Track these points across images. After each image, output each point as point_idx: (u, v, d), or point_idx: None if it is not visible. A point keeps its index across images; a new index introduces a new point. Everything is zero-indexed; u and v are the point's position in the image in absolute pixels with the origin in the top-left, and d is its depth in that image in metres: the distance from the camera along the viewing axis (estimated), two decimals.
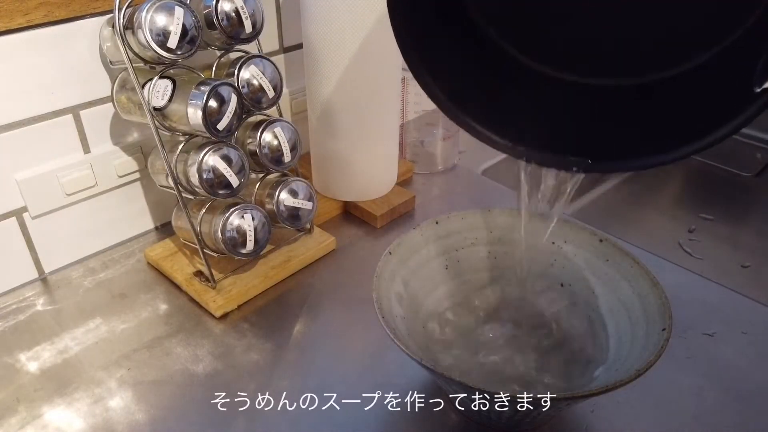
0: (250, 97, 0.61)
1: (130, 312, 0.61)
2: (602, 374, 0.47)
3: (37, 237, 0.63)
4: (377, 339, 0.57)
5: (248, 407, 0.51)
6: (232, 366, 0.55)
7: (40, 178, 0.60)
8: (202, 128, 0.55)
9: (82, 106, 0.62)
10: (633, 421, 0.50)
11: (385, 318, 0.45)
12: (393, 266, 0.51)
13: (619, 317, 0.50)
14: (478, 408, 0.46)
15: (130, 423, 0.50)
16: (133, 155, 0.66)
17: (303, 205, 0.65)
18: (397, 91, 0.71)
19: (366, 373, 0.55)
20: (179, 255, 0.66)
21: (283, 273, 0.65)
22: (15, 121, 0.58)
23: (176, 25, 0.53)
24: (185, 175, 0.58)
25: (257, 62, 0.61)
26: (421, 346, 0.49)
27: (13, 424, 0.50)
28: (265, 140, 0.62)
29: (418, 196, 0.77)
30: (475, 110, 0.40)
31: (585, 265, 0.54)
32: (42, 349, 0.57)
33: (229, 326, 0.60)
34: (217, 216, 0.59)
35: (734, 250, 1.00)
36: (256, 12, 0.58)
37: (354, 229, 0.74)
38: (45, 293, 0.63)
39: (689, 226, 1.04)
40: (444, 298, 0.55)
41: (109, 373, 0.55)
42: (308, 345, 0.58)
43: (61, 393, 0.53)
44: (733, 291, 0.63)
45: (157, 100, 0.57)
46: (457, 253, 0.56)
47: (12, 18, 0.54)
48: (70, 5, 0.57)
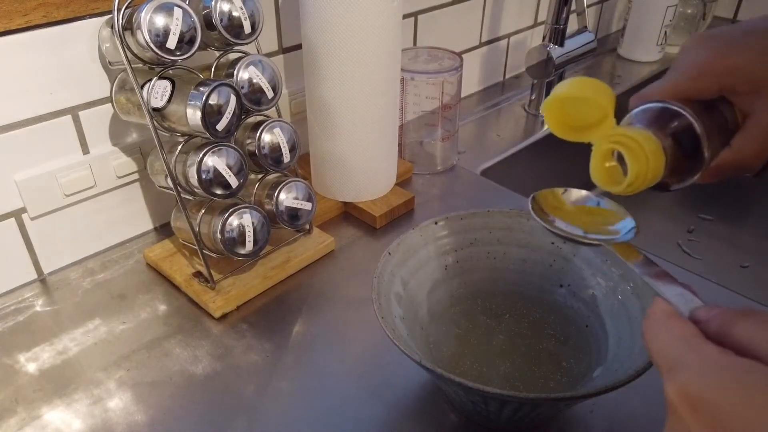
0: (250, 97, 0.61)
1: (129, 313, 0.61)
2: (602, 374, 0.47)
3: (36, 238, 0.63)
4: (377, 339, 0.57)
5: (247, 408, 0.51)
6: (231, 367, 0.55)
7: (39, 178, 0.60)
8: (201, 129, 0.55)
9: (82, 107, 0.62)
10: (633, 421, 0.50)
11: (384, 318, 0.45)
12: (392, 267, 0.51)
13: (618, 317, 0.50)
14: (477, 408, 0.46)
15: (129, 424, 0.50)
16: (132, 156, 0.66)
17: (302, 205, 0.65)
18: (396, 91, 0.71)
19: (365, 374, 0.55)
20: (178, 256, 0.66)
21: (283, 273, 0.65)
22: (14, 121, 0.58)
23: (175, 26, 0.53)
24: (184, 176, 0.58)
25: (256, 63, 0.61)
26: (420, 346, 0.49)
27: (12, 425, 0.50)
28: (264, 141, 0.62)
29: (417, 197, 0.77)
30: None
31: (584, 265, 0.54)
32: (41, 350, 0.57)
33: (228, 327, 0.60)
34: (216, 216, 0.59)
35: (733, 251, 1.00)
36: (255, 12, 0.59)
37: (353, 229, 0.74)
38: (44, 294, 0.63)
39: (688, 226, 1.04)
40: (443, 299, 0.55)
41: (108, 373, 0.55)
42: (307, 345, 0.58)
43: (60, 394, 0.53)
44: (732, 291, 0.63)
45: (156, 100, 0.57)
46: (457, 254, 0.56)
47: (11, 19, 0.54)
48: (69, 6, 0.57)
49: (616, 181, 0.40)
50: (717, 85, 0.40)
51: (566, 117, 0.41)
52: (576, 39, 0.99)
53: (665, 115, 0.40)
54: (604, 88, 0.39)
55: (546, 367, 0.51)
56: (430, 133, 0.83)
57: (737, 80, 0.39)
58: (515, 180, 0.88)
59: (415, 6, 0.90)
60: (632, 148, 0.38)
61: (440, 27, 0.96)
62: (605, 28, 1.38)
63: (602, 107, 0.38)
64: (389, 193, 0.76)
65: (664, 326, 0.29)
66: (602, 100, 0.38)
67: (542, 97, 1.01)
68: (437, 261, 0.55)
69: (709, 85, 0.40)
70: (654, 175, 0.38)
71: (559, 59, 0.96)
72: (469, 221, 0.56)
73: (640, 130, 0.38)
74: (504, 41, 1.11)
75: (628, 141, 0.38)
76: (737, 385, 0.24)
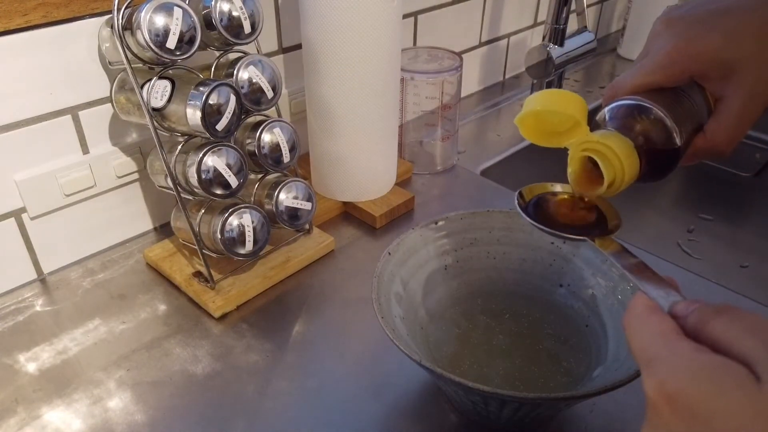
0: (249, 97, 0.61)
1: (129, 313, 0.61)
2: (601, 374, 0.47)
3: (36, 238, 0.63)
4: (377, 339, 0.57)
5: (247, 408, 0.51)
6: (231, 366, 0.55)
7: (39, 178, 0.60)
8: (201, 129, 0.55)
9: (81, 107, 0.62)
10: (633, 421, 0.50)
11: (384, 318, 0.45)
12: (392, 267, 0.51)
13: (618, 317, 0.50)
14: (477, 408, 0.46)
15: (129, 424, 0.50)
16: (132, 156, 0.66)
17: (302, 205, 0.65)
18: (396, 91, 0.71)
19: (365, 374, 0.55)
20: (178, 255, 0.66)
21: (282, 273, 0.65)
22: (14, 121, 0.58)
23: (175, 26, 0.53)
24: (184, 176, 0.58)
25: (256, 63, 0.61)
26: (420, 346, 0.49)
27: (12, 425, 0.50)
28: (264, 141, 0.62)
29: (417, 197, 0.77)
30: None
31: (584, 265, 0.54)
32: (41, 349, 0.57)
33: (228, 327, 0.60)
34: (216, 216, 0.59)
35: (733, 250, 1.00)
36: (255, 12, 0.58)
37: (353, 229, 0.74)
38: (44, 294, 0.63)
39: (688, 226, 1.04)
40: (443, 299, 0.55)
41: (108, 373, 0.55)
42: (307, 345, 0.58)
43: (60, 394, 0.53)
44: (732, 291, 0.63)
45: (156, 100, 0.57)
46: (457, 254, 0.56)
47: (11, 19, 0.54)
48: (69, 6, 0.57)
49: (595, 185, 0.41)
50: (687, 72, 0.41)
51: (541, 125, 0.42)
52: (576, 39, 0.99)
53: (637, 112, 0.40)
54: (573, 98, 0.40)
55: (546, 367, 0.51)
56: (430, 133, 0.83)
57: (707, 66, 0.40)
58: (515, 180, 0.88)
59: (415, 6, 0.90)
60: (605, 154, 0.39)
61: (440, 27, 0.96)
62: (605, 28, 1.38)
63: (573, 117, 0.40)
64: (389, 193, 0.76)
65: (643, 322, 0.30)
66: (572, 111, 0.39)
67: None
68: (437, 261, 0.55)
69: (680, 73, 0.41)
70: (630, 176, 0.39)
71: (558, 59, 0.96)
72: (469, 221, 0.56)
73: (612, 134, 0.40)
74: (504, 41, 1.11)
75: (600, 147, 0.39)
76: (709, 381, 0.25)
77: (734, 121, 0.41)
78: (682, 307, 0.30)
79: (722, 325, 0.27)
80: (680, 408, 0.25)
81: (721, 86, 0.41)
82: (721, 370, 0.25)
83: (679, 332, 0.28)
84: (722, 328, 0.27)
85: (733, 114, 0.41)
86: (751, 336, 0.26)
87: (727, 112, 0.41)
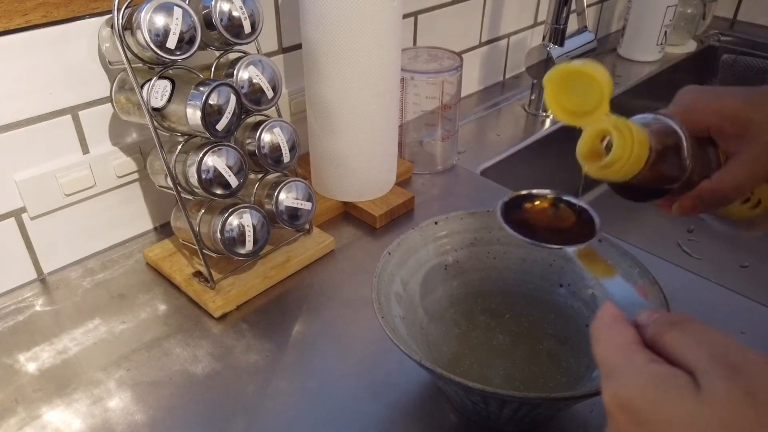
0: (249, 97, 0.61)
1: (129, 312, 0.61)
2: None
3: (36, 237, 0.63)
4: (377, 339, 0.57)
5: (247, 408, 0.51)
6: (231, 366, 0.55)
7: (39, 178, 0.60)
8: (201, 129, 0.55)
9: (81, 107, 0.62)
10: None
11: (384, 318, 0.45)
12: (392, 266, 0.51)
13: None
14: (477, 408, 0.46)
15: (129, 424, 0.50)
16: (132, 156, 0.66)
17: (302, 205, 0.65)
18: (396, 91, 0.71)
19: (365, 374, 0.55)
20: (178, 255, 0.66)
21: (282, 273, 0.65)
22: (14, 121, 0.58)
23: (175, 26, 0.53)
24: (184, 176, 0.58)
25: (256, 62, 0.61)
26: (420, 346, 0.49)
27: (12, 425, 0.50)
28: (264, 140, 0.62)
29: (417, 197, 0.77)
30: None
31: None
32: (41, 349, 0.57)
33: (228, 327, 0.60)
34: (216, 216, 0.59)
35: (733, 250, 1.00)
36: (255, 12, 0.58)
37: (353, 229, 0.74)
38: (44, 294, 0.63)
39: (688, 226, 1.04)
40: (443, 299, 0.55)
41: (108, 373, 0.55)
42: (307, 345, 0.58)
43: (60, 394, 0.53)
44: (731, 291, 0.63)
45: (156, 100, 0.57)
46: (457, 254, 0.56)
47: (11, 18, 0.54)
48: (69, 6, 0.57)
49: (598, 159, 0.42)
50: (706, 122, 0.44)
51: (564, 96, 0.42)
52: (576, 39, 0.99)
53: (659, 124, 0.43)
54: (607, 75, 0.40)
55: (546, 367, 0.51)
56: (430, 133, 0.83)
57: (725, 121, 0.43)
58: (515, 180, 0.88)
59: (415, 6, 0.90)
60: (622, 131, 0.40)
61: (440, 27, 0.96)
62: (605, 28, 1.38)
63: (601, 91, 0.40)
64: (389, 192, 0.76)
65: (607, 331, 0.31)
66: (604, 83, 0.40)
67: (542, 97, 1.01)
68: (437, 261, 0.55)
69: (700, 122, 0.44)
70: (634, 163, 0.40)
71: (559, 59, 0.96)
72: (469, 221, 0.56)
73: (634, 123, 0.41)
74: (504, 41, 1.11)
75: (620, 125, 0.40)
76: (655, 391, 0.26)
77: (743, 168, 0.43)
78: (644, 316, 0.31)
79: (674, 337, 0.29)
80: (632, 417, 0.27)
81: (734, 144, 0.43)
82: (667, 380, 0.27)
83: (638, 343, 0.30)
84: (674, 340, 0.29)
85: (743, 163, 0.43)
86: (697, 347, 0.27)
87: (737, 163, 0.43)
